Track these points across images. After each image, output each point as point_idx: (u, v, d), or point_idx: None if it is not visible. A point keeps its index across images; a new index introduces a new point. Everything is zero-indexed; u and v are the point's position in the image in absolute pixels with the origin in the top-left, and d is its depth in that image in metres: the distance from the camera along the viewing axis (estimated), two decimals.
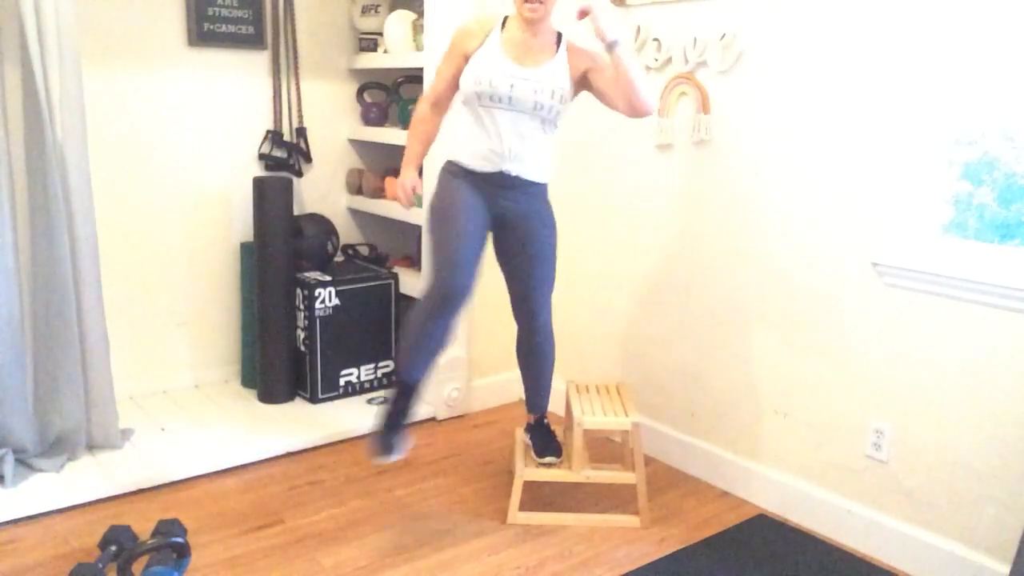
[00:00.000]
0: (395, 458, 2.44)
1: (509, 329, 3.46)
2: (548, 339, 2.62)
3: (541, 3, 2.27)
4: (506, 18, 2.39)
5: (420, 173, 2.57)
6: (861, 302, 2.36)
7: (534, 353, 2.63)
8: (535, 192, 2.44)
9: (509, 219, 2.44)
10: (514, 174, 2.37)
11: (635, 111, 2.31)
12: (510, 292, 2.59)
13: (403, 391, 2.43)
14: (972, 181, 2.22)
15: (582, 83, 2.41)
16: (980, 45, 2.11)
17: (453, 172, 2.44)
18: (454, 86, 2.43)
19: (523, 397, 2.72)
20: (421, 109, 2.50)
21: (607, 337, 3.16)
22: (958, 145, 2.21)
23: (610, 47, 2.26)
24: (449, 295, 2.31)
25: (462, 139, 2.43)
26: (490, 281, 3.33)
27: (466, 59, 2.38)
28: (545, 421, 2.67)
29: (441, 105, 2.50)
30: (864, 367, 2.38)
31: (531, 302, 2.54)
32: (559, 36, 2.39)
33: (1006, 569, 2.12)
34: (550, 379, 2.69)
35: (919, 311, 2.24)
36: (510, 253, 2.50)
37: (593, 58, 2.39)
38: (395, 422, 2.43)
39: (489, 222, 2.44)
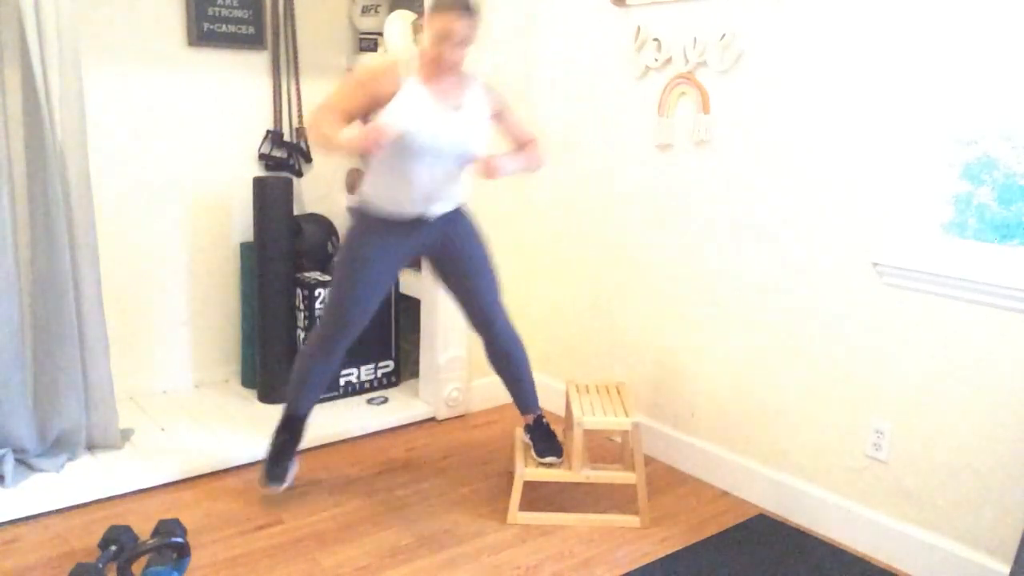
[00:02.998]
0: (283, 487, 2.54)
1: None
2: (513, 340, 2.63)
3: (465, 48, 2.26)
4: (413, 61, 2.32)
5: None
6: (861, 302, 2.36)
7: (504, 358, 2.64)
8: (454, 214, 2.48)
9: (436, 247, 2.50)
10: (435, 214, 2.41)
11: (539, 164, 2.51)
12: (461, 309, 2.61)
13: (289, 424, 2.59)
14: (972, 181, 2.23)
15: (493, 120, 2.44)
16: (980, 45, 2.11)
17: (368, 219, 2.41)
18: (350, 121, 2.30)
19: (537, 401, 2.71)
20: (323, 116, 2.25)
21: (607, 337, 3.16)
22: (958, 145, 2.21)
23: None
24: (333, 348, 2.50)
25: (377, 185, 2.38)
26: None
27: (374, 101, 2.27)
28: (544, 420, 2.66)
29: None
30: (864, 367, 2.38)
31: (484, 312, 2.57)
32: (470, 80, 2.39)
33: (1006, 569, 2.12)
34: (530, 377, 2.69)
35: (919, 311, 2.24)
36: (447, 274, 2.55)
37: (500, 100, 2.43)
38: (283, 452, 2.56)
39: (407, 262, 2.53)
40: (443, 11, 2.20)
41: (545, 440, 2.60)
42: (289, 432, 2.60)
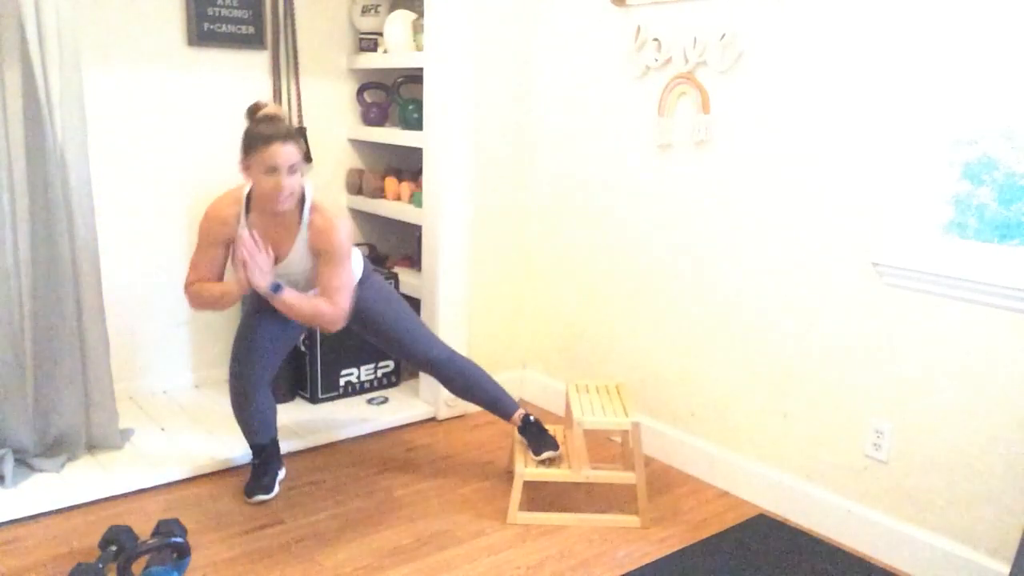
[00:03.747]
0: (271, 496, 2.58)
1: (509, 329, 3.47)
2: (454, 361, 2.67)
3: (291, 198, 2.25)
4: (249, 194, 2.34)
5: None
6: (861, 302, 2.36)
7: (456, 379, 2.67)
8: None
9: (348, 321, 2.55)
10: None
11: (324, 328, 2.36)
12: (401, 358, 2.71)
13: (258, 452, 2.65)
14: (972, 181, 2.22)
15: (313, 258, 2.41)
16: (980, 45, 2.11)
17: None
18: (219, 274, 2.41)
19: (521, 398, 2.71)
20: (195, 286, 2.38)
21: (607, 337, 3.16)
22: (958, 145, 2.21)
23: (270, 293, 2.27)
24: (242, 390, 2.53)
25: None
26: (490, 281, 3.33)
27: (226, 247, 2.38)
28: (531, 418, 2.66)
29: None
30: (864, 367, 2.38)
31: (414, 350, 2.63)
32: (303, 199, 2.35)
33: (1006, 569, 2.12)
34: (494, 387, 2.71)
35: (919, 311, 2.24)
36: (372, 335, 2.63)
37: (325, 242, 2.32)
38: (265, 471, 2.62)
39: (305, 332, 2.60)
40: (263, 146, 2.19)
41: (538, 437, 2.60)
42: (265, 455, 2.65)
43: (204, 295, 2.37)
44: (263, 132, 2.21)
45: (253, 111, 2.32)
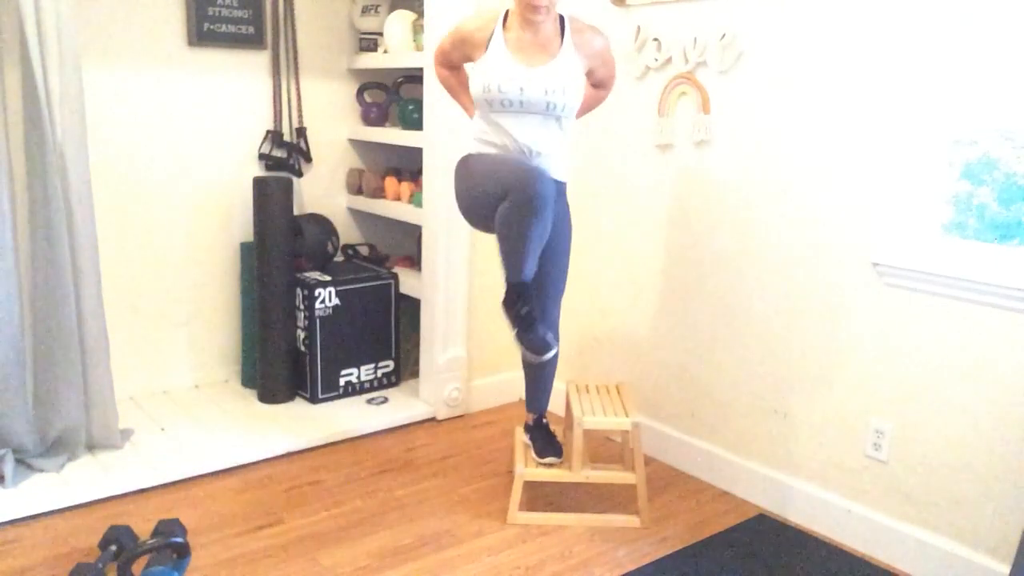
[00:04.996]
0: (553, 351, 2.33)
1: (508, 329, 3.46)
2: (556, 329, 2.62)
3: (547, 9, 2.22)
4: (507, 12, 2.32)
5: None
6: (861, 302, 2.36)
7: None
8: (560, 188, 2.42)
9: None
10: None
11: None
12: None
13: (520, 292, 2.30)
14: (972, 181, 2.22)
15: (589, 75, 2.40)
16: (980, 45, 2.11)
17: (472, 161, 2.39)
18: (459, 67, 2.47)
19: (523, 397, 2.71)
20: (441, 73, 2.51)
21: (607, 337, 3.16)
22: (958, 145, 2.21)
23: None
24: (531, 196, 2.16)
25: (478, 137, 2.39)
26: (490, 281, 3.33)
27: (468, 57, 2.37)
28: (544, 421, 2.67)
29: (456, 68, 2.51)
30: (864, 367, 2.38)
31: (543, 298, 2.52)
32: (562, 22, 2.32)
33: (1006, 569, 2.12)
34: (552, 379, 2.69)
35: (919, 311, 2.24)
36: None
37: (596, 56, 2.34)
38: (529, 319, 2.32)
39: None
40: None
41: (545, 440, 2.60)
42: (527, 299, 2.32)
43: (448, 85, 2.53)
44: None
45: None
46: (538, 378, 2.66)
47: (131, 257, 3.21)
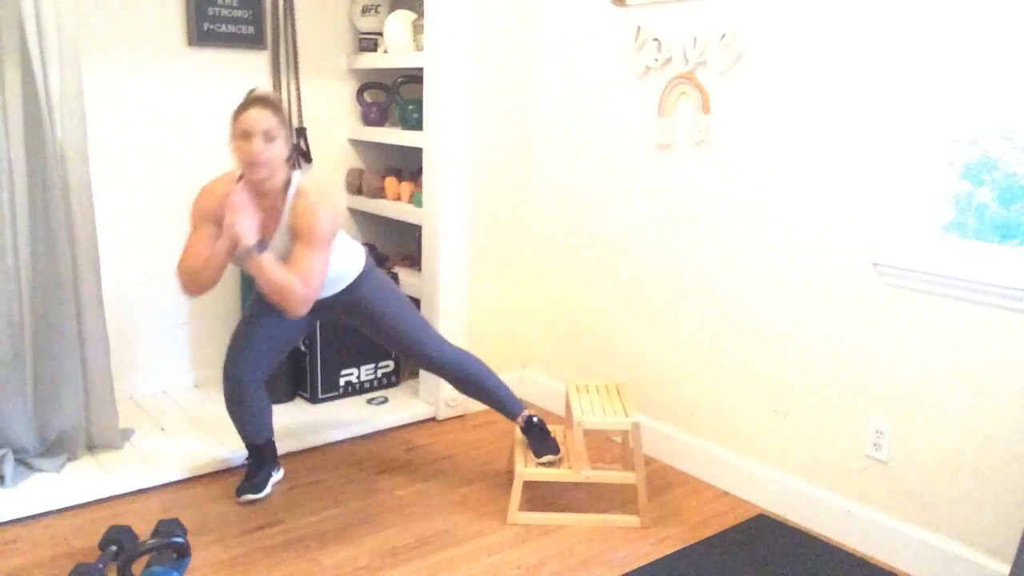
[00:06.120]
0: (261, 495, 2.58)
1: (509, 329, 3.47)
2: (459, 360, 2.63)
3: (267, 166, 2.17)
4: (241, 176, 2.26)
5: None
6: (861, 302, 2.36)
7: (464, 381, 2.64)
8: (349, 288, 2.50)
9: (345, 316, 2.56)
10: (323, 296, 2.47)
11: (286, 307, 2.21)
12: (395, 352, 2.74)
13: (254, 452, 2.64)
14: (972, 181, 2.22)
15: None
16: (980, 45, 2.11)
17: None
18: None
19: (519, 402, 2.70)
20: (184, 266, 2.31)
21: (607, 337, 3.16)
22: (958, 145, 2.21)
23: (247, 253, 2.16)
24: (233, 389, 2.53)
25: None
26: (490, 281, 3.33)
27: (217, 224, 2.27)
28: (535, 420, 2.65)
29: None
30: (864, 367, 2.38)
31: (415, 351, 2.60)
32: (288, 182, 2.28)
33: (1006, 569, 2.12)
34: (499, 386, 2.67)
35: (919, 311, 2.24)
36: (373, 333, 2.60)
37: (302, 224, 2.25)
38: (258, 471, 2.62)
39: (313, 324, 2.60)
40: (239, 112, 2.19)
41: (540, 439, 2.60)
42: (254, 458, 2.65)
43: (189, 264, 2.27)
44: (242, 101, 2.22)
45: (248, 95, 2.28)
46: (487, 392, 2.66)
47: (131, 256, 3.21)
